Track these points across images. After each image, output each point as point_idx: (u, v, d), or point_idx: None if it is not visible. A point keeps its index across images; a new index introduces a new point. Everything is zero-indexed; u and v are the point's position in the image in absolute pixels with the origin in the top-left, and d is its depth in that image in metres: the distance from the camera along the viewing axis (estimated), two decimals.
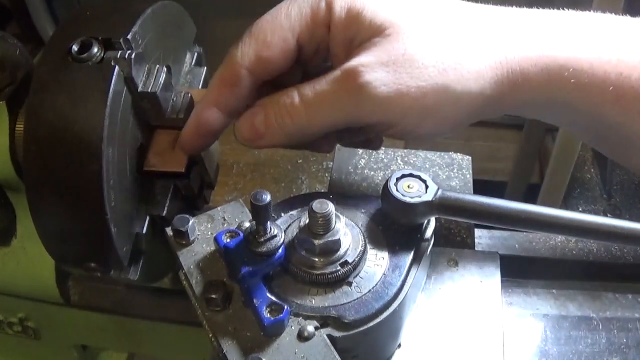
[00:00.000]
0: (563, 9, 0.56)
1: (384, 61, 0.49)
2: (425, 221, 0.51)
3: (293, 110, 0.51)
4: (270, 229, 0.46)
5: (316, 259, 0.47)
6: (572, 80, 0.51)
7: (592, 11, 0.55)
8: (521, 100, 0.53)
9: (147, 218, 0.55)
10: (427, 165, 0.73)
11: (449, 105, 0.51)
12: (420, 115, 0.51)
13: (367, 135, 0.59)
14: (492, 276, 0.56)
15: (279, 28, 0.52)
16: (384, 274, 0.48)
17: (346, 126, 0.52)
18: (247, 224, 0.50)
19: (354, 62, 0.50)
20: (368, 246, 0.50)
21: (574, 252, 0.78)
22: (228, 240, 0.48)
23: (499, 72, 0.51)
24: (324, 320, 0.46)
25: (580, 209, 1.42)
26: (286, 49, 0.53)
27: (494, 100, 0.52)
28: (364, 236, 0.50)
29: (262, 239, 0.46)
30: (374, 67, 0.49)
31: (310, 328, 0.45)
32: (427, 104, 0.50)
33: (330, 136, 0.57)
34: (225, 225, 0.52)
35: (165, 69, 0.53)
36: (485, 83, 0.51)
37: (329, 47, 0.54)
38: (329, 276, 0.47)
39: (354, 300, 0.47)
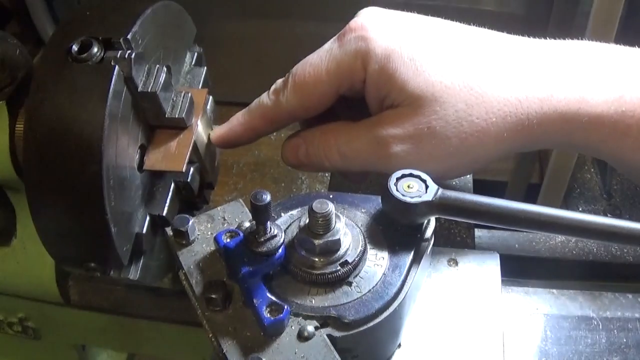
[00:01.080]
0: (556, 37, 0.58)
1: (410, 134, 0.55)
2: (425, 221, 0.51)
3: (330, 156, 0.58)
4: (270, 229, 0.46)
5: (316, 259, 0.47)
6: (585, 120, 0.54)
7: (585, 38, 0.58)
8: (540, 145, 0.58)
9: (147, 218, 0.55)
10: None
11: (468, 163, 0.57)
12: (441, 173, 0.56)
13: None
14: (492, 276, 0.56)
15: (320, 84, 0.57)
16: (384, 274, 0.48)
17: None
18: (247, 224, 0.50)
19: (385, 132, 0.55)
20: (368, 246, 0.50)
21: (574, 252, 0.78)
22: (228, 240, 0.48)
23: (519, 128, 0.54)
24: (324, 320, 0.46)
25: (580, 209, 1.42)
26: (326, 101, 0.59)
27: (513, 148, 0.57)
28: (364, 236, 0.50)
29: (262, 239, 0.46)
30: (402, 139, 0.55)
31: (310, 328, 0.45)
32: (448, 166, 0.57)
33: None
34: (225, 225, 0.52)
35: (165, 69, 0.53)
36: (505, 141, 0.55)
37: (363, 92, 0.58)
38: (329, 276, 0.47)
39: (354, 300, 0.47)
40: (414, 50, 0.55)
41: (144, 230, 0.55)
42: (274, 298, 0.46)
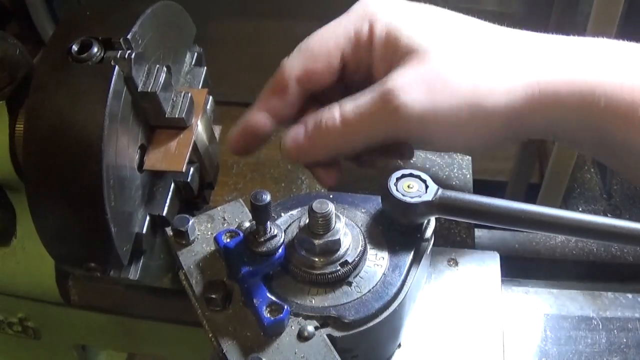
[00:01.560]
0: (557, 32, 0.58)
1: (419, 82, 0.53)
2: (425, 221, 0.51)
3: (333, 126, 0.55)
4: (270, 229, 0.46)
5: (316, 259, 0.47)
6: (602, 104, 0.53)
7: (585, 35, 0.57)
8: (552, 119, 0.55)
9: (147, 218, 0.55)
10: (427, 165, 0.73)
11: (480, 119, 0.54)
12: (453, 131, 0.54)
13: (401, 150, 0.62)
14: (492, 276, 0.56)
15: (326, 44, 0.57)
16: (384, 274, 0.48)
17: (384, 142, 0.56)
18: (247, 224, 0.50)
19: (391, 83, 0.53)
20: (368, 246, 0.50)
21: (574, 252, 0.78)
22: (228, 240, 0.48)
23: (529, 91, 0.53)
24: (324, 320, 0.46)
25: (580, 209, 1.42)
26: (331, 63, 0.57)
27: (525, 115, 0.54)
28: (364, 236, 0.50)
29: (262, 239, 0.46)
30: (410, 88, 0.53)
31: (310, 328, 0.45)
32: (459, 119, 0.53)
33: (375, 153, 0.60)
34: (225, 225, 0.52)
35: (165, 69, 0.53)
36: (517, 98, 0.53)
37: (370, 65, 0.58)
38: (329, 276, 0.47)
39: (354, 300, 0.47)
40: (420, 16, 0.56)
41: (144, 230, 0.55)
42: (274, 298, 0.46)
